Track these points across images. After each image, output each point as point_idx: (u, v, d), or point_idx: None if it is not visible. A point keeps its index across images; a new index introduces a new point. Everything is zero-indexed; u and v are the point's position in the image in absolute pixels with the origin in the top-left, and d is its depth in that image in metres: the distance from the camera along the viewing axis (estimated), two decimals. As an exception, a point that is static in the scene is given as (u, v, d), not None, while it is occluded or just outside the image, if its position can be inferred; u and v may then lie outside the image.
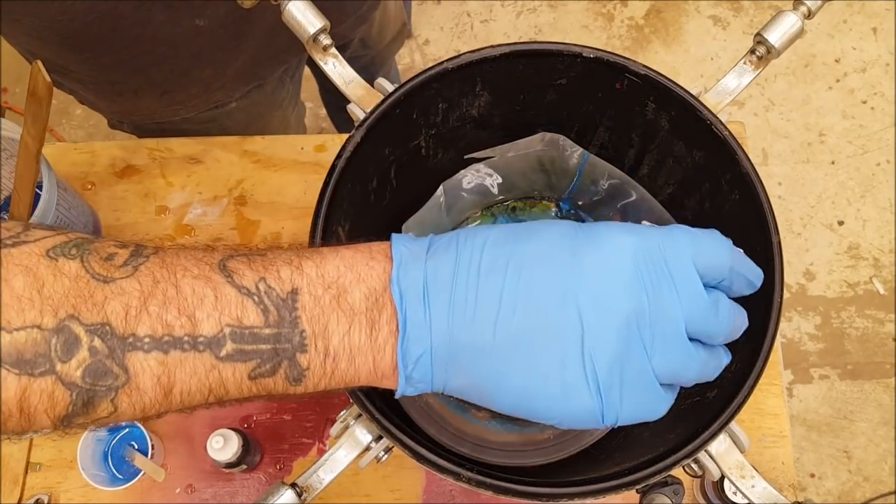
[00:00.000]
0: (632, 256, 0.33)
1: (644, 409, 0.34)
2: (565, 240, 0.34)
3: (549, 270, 0.33)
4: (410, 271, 0.33)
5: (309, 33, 0.50)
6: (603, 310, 0.32)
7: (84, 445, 0.69)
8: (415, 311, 0.32)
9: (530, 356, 0.32)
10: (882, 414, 1.56)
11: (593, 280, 0.32)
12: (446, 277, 0.33)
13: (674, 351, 0.33)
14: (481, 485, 0.42)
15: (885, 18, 1.84)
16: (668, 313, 0.33)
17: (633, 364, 0.33)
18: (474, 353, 0.32)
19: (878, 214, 1.69)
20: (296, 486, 0.42)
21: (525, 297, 0.32)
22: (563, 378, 0.32)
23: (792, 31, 0.51)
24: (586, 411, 0.33)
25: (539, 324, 0.32)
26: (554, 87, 0.55)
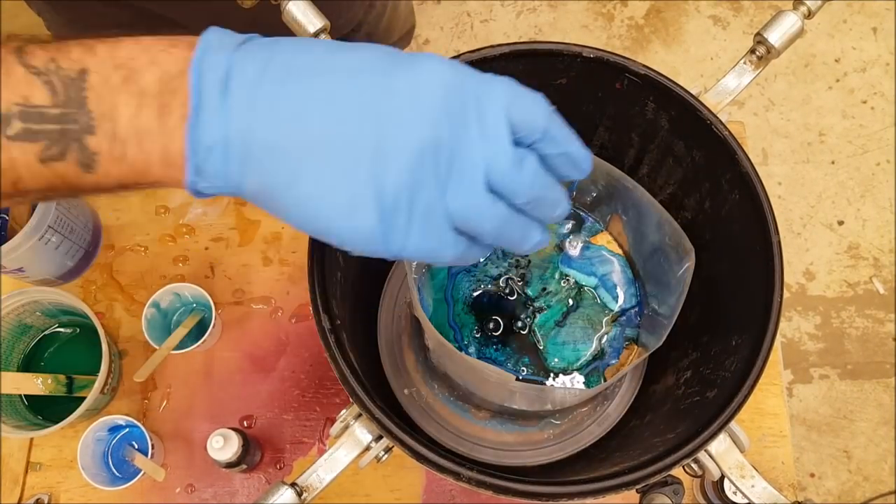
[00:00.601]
0: (444, 86, 0.32)
1: (430, 247, 0.33)
2: (383, 59, 0.33)
3: (358, 82, 0.32)
4: (214, 57, 0.32)
5: (309, 33, 0.50)
6: (402, 130, 0.31)
7: (84, 445, 0.69)
8: (210, 97, 0.31)
9: (323, 163, 0.31)
10: (882, 414, 1.56)
11: (398, 99, 0.31)
12: (253, 71, 0.31)
13: (468, 192, 0.32)
14: (481, 484, 0.42)
15: (885, 18, 1.83)
16: (469, 152, 0.32)
17: (424, 194, 0.31)
18: (270, 150, 0.31)
19: (877, 214, 1.69)
20: (296, 485, 0.42)
21: (328, 102, 0.31)
22: (351, 190, 0.31)
23: (792, 30, 0.51)
24: (369, 231, 0.32)
25: (337, 132, 0.31)
26: (554, 87, 0.55)
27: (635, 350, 0.60)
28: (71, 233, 0.73)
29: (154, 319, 0.74)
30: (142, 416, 0.75)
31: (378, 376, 0.64)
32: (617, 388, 0.63)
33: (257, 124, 0.31)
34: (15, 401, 0.73)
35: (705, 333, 0.56)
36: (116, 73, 0.31)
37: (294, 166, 0.31)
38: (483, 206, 0.32)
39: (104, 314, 0.78)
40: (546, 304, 0.61)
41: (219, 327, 0.77)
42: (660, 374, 0.61)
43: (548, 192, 0.35)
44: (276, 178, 0.32)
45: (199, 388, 0.76)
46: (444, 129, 0.31)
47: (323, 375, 0.76)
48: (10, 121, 0.30)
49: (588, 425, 0.62)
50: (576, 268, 0.62)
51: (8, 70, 0.30)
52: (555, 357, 0.59)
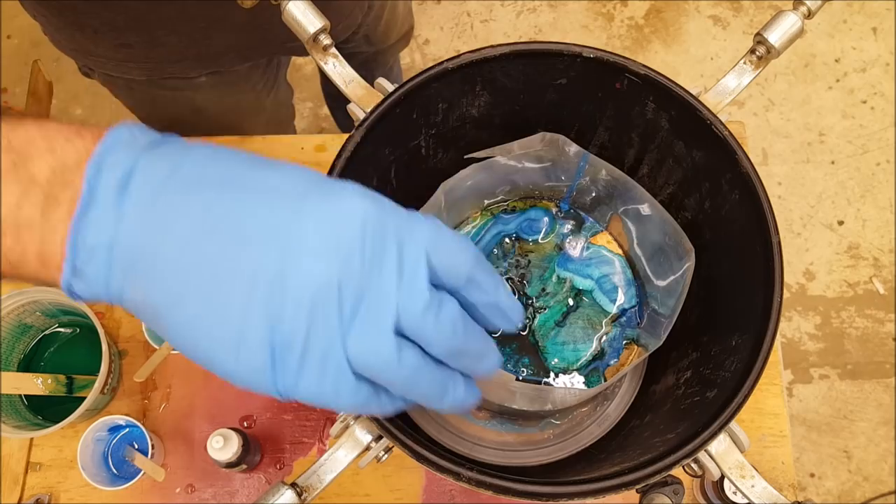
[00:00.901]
0: (362, 221, 0.29)
1: (324, 392, 0.29)
2: (302, 183, 0.30)
3: (269, 205, 0.29)
4: (119, 153, 0.29)
5: (309, 33, 0.50)
6: (307, 262, 0.28)
7: (84, 445, 0.69)
8: (105, 197, 0.28)
9: (214, 287, 0.28)
10: (882, 414, 1.56)
11: (309, 229, 0.29)
12: (159, 175, 0.29)
13: (373, 338, 0.29)
14: (481, 484, 0.42)
15: (885, 18, 1.84)
16: (379, 293, 0.29)
17: (322, 334, 0.28)
18: (159, 265, 0.28)
19: (878, 214, 1.69)
20: (296, 485, 0.42)
21: (232, 220, 0.28)
22: (240, 321, 0.28)
23: (792, 30, 0.51)
24: (256, 369, 0.29)
25: (235, 255, 0.28)
26: (554, 87, 0.55)
27: (635, 350, 0.60)
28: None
29: (154, 319, 0.74)
30: (142, 416, 0.75)
31: (378, 376, 0.64)
32: (617, 388, 0.63)
33: (150, 234, 0.28)
34: (15, 401, 0.73)
35: (705, 333, 0.56)
36: (6, 156, 0.28)
37: (182, 286, 0.28)
38: (386, 353, 0.29)
39: (104, 314, 0.78)
40: (546, 304, 0.61)
41: (219, 327, 0.77)
42: (660, 374, 0.61)
43: (470, 342, 0.31)
44: (160, 296, 0.29)
45: (199, 388, 0.76)
46: (354, 267, 0.28)
47: (323, 375, 0.76)
48: None
49: (588, 425, 0.62)
50: (572, 270, 0.62)
51: None
52: (555, 357, 0.59)
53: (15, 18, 1.78)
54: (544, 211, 0.64)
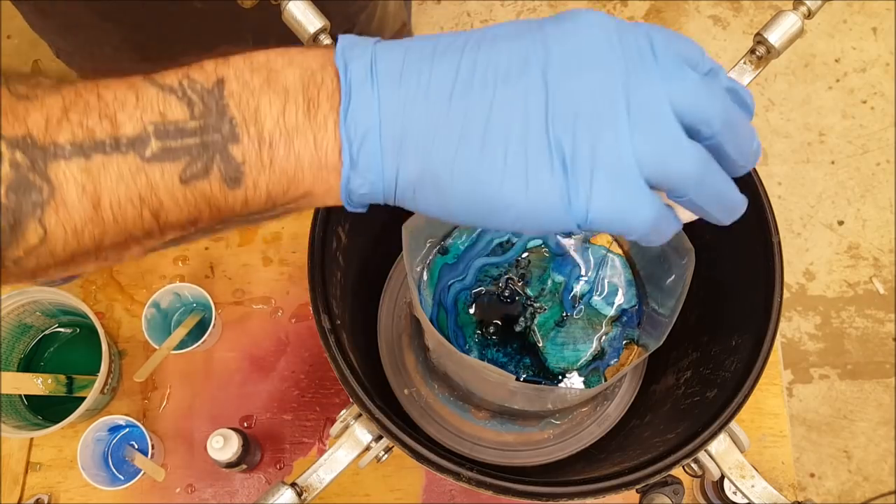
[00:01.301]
0: (605, 30, 0.29)
1: (621, 206, 0.28)
2: (528, 23, 0.30)
3: (512, 42, 0.29)
4: (356, 49, 0.30)
5: (309, 33, 0.50)
6: (571, 74, 0.28)
7: (84, 445, 0.69)
8: (361, 84, 0.29)
9: (489, 130, 0.28)
10: (882, 414, 1.56)
11: (561, 45, 0.29)
12: (397, 57, 0.29)
13: (659, 129, 0.28)
14: (481, 484, 0.42)
15: (885, 18, 1.84)
16: (651, 84, 0.28)
17: (607, 139, 0.28)
18: (428, 130, 0.29)
19: (877, 214, 1.69)
20: (296, 485, 0.42)
21: (483, 67, 0.29)
22: (523, 152, 0.28)
23: (792, 30, 0.51)
24: (549, 198, 0.28)
25: (498, 94, 0.28)
26: (554, 87, 0.54)
27: (635, 350, 0.60)
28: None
29: (154, 319, 0.74)
30: (142, 416, 0.75)
31: (378, 376, 0.64)
32: (617, 388, 0.63)
33: (411, 103, 0.29)
34: (15, 401, 0.73)
35: (705, 333, 0.56)
36: (256, 76, 0.29)
37: (456, 140, 0.28)
38: (682, 144, 0.28)
39: (104, 314, 0.78)
40: (546, 304, 0.61)
41: (219, 327, 0.77)
42: (660, 374, 0.61)
43: (740, 116, 0.31)
44: (437, 157, 0.29)
45: (199, 388, 0.76)
46: (617, 64, 0.28)
47: (323, 375, 0.76)
48: (146, 141, 0.28)
49: (588, 425, 0.62)
50: (566, 273, 0.62)
51: (140, 93, 0.29)
52: (555, 357, 0.59)
53: (15, 18, 1.77)
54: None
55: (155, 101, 0.28)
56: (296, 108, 0.29)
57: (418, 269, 0.61)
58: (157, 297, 0.73)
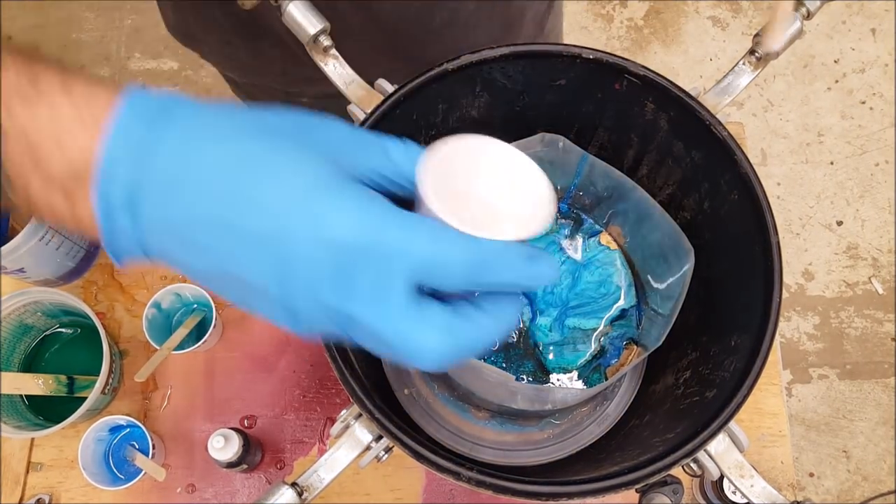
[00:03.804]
0: (344, 244, 0.29)
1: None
2: (306, 179, 0.30)
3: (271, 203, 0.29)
4: (119, 167, 0.29)
5: (309, 34, 0.50)
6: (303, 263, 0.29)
7: (85, 445, 0.69)
8: (116, 199, 0.29)
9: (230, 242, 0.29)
10: (881, 413, 1.56)
11: (301, 237, 0.29)
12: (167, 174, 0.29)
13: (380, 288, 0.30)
14: (481, 484, 0.42)
15: (883, 19, 1.84)
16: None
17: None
18: (171, 224, 0.30)
19: (876, 214, 1.69)
20: (296, 485, 0.42)
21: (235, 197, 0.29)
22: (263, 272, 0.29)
23: (791, 31, 0.51)
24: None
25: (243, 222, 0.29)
26: (553, 88, 0.55)
27: (635, 350, 0.60)
28: (71, 234, 0.73)
29: (155, 320, 0.74)
30: (142, 417, 0.75)
31: (378, 376, 0.64)
32: (616, 388, 0.63)
33: (167, 197, 0.29)
34: (16, 401, 0.73)
35: (704, 333, 0.56)
36: (26, 156, 0.30)
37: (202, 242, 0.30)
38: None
39: (105, 314, 0.78)
40: (546, 304, 0.61)
41: (219, 327, 0.77)
42: (659, 374, 0.62)
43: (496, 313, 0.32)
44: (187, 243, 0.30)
45: (199, 388, 0.76)
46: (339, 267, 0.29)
47: (323, 375, 0.76)
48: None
49: (588, 425, 0.62)
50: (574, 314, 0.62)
51: None
52: (555, 357, 0.59)
53: (17, 20, 1.78)
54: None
55: None
56: (58, 197, 0.30)
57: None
58: (158, 297, 0.74)
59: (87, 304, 0.70)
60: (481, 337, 0.31)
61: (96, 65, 1.75)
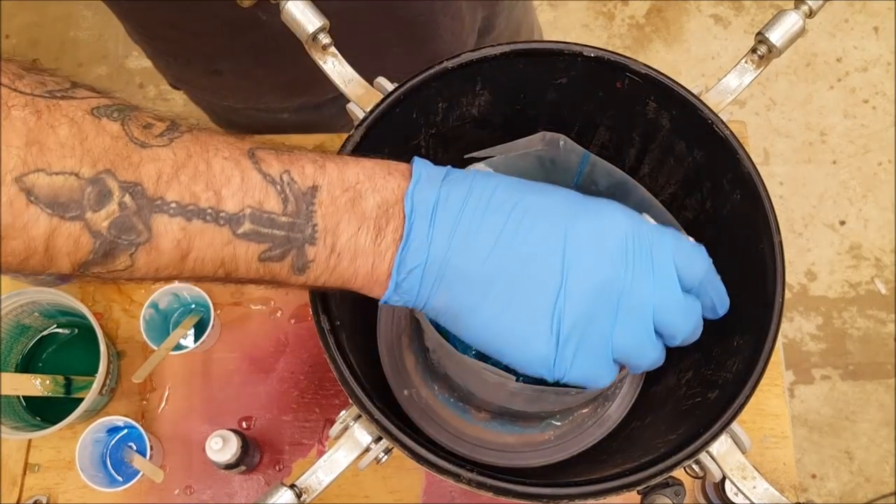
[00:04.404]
0: (623, 234, 0.36)
1: (590, 375, 0.36)
2: (570, 203, 0.37)
3: (548, 223, 0.35)
4: (424, 190, 0.36)
5: (308, 32, 0.50)
6: (584, 271, 0.35)
7: (82, 446, 0.68)
8: (420, 227, 0.35)
9: (509, 294, 0.35)
10: (884, 414, 1.56)
11: (584, 242, 0.35)
12: (456, 205, 0.35)
13: (636, 330, 0.36)
14: (481, 486, 0.42)
15: (886, 17, 1.83)
16: (642, 294, 0.35)
17: (596, 328, 0.35)
18: (462, 277, 0.35)
19: (879, 214, 1.69)
20: (295, 487, 0.42)
21: (521, 240, 0.35)
22: (531, 321, 0.35)
23: (793, 30, 0.51)
24: (540, 358, 0.35)
25: (525, 268, 0.35)
26: (554, 87, 0.54)
27: (636, 351, 0.60)
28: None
29: (152, 320, 0.74)
30: (140, 418, 0.75)
31: (378, 377, 0.64)
32: (618, 389, 0.63)
33: (454, 252, 0.35)
34: (13, 402, 0.73)
35: (706, 334, 0.56)
36: (344, 194, 0.35)
37: (481, 293, 0.35)
38: (646, 343, 0.37)
39: (102, 315, 0.78)
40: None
41: (217, 328, 0.77)
42: (661, 375, 0.61)
43: (699, 327, 0.40)
44: (462, 302, 0.36)
45: (197, 389, 0.76)
46: (621, 272, 0.35)
47: (322, 376, 0.76)
48: (242, 221, 0.33)
49: (589, 426, 0.62)
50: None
51: (245, 175, 0.33)
52: (555, 358, 0.59)
53: (14, 18, 1.78)
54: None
55: (257, 188, 0.33)
56: (367, 232, 0.35)
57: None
58: (156, 297, 0.73)
59: (84, 305, 0.69)
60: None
61: (94, 63, 1.74)
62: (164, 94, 1.73)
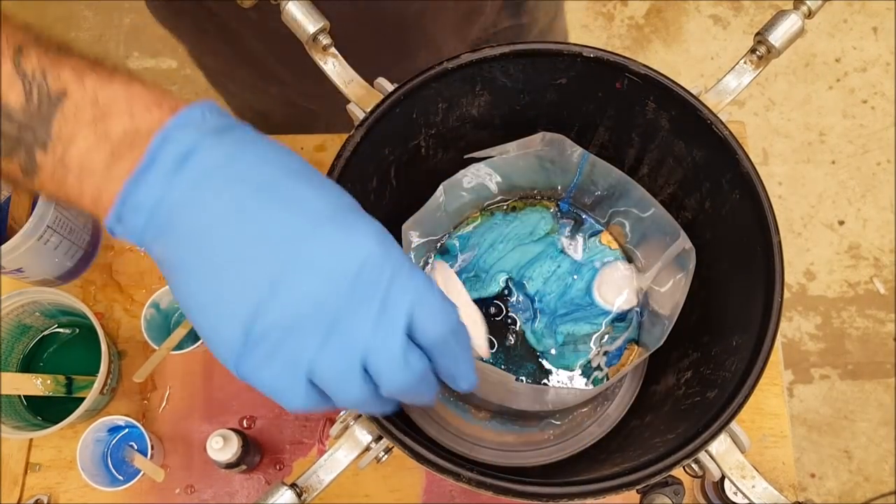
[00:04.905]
0: (361, 261, 0.32)
1: (276, 386, 0.33)
2: (327, 205, 0.34)
3: (293, 217, 0.33)
4: (185, 133, 0.33)
5: (309, 32, 0.50)
6: (304, 278, 0.32)
7: (83, 446, 0.69)
8: (162, 167, 0.32)
9: (223, 269, 0.32)
10: (883, 414, 1.56)
11: (319, 250, 0.32)
12: (211, 164, 0.33)
13: (338, 362, 0.32)
14: (481, 485, 0.42)
15: (885, 18, 1.83)
16: (356, 327, 0.32)
17: (294, 343, 0.32)
18: (187, 236, 0.33)
19: (878, 214, 1.69)
20: (296, 486, 0.42)
21: (258, 221, 0.32)
22: (231, 305, 0.32)
23: (792, 30, 0.51)
24: (228, 349, 0.33)
25: (251, 251, 0.32)
26: (554, 87, 0.54)
27: (636, 350, 0.60)
28: (70, 233, 0.73)
29: (153, 320, 0.74)
30: (141, 417, 0.75)
31: (378, 377, 0.64)
32: (617, 389, 0.63)
33: (187, 209, 0.32)
34: (14, 401, 0.73)
35: (706, 334, 0.56)
36: (93, 110, 0.33)
37: (198, 260, 0.33)
38: (351, 382, 0.33)
39: (103, 314, 0.78)
40: (550, 303, 0.61)
41: (218, 328, 0.77)
42: (660, 375, 0.61)
43: (422, 388, 0.35)
44: (179, 260, 0.33)
45: (198, 388, 0.76)
46: (341, 298, 0.32)
47: (323, 376, 0.76)
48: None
49: (588, 426, 0.62)
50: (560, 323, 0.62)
51: (2, 60, 0.32)
52: (555, 358, 0.59)
53: (15, 18, 1.77)
54: (544, 211, 0.64)
55: (4, 79, 0.32)
56: (102, 153, 0.33)
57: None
58: (157, 297, 0.73)
59: (85, 304, 0.69)
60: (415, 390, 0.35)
61: (96, 64, 1.74)
62: (164, 94, 1.73)
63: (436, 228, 0.61)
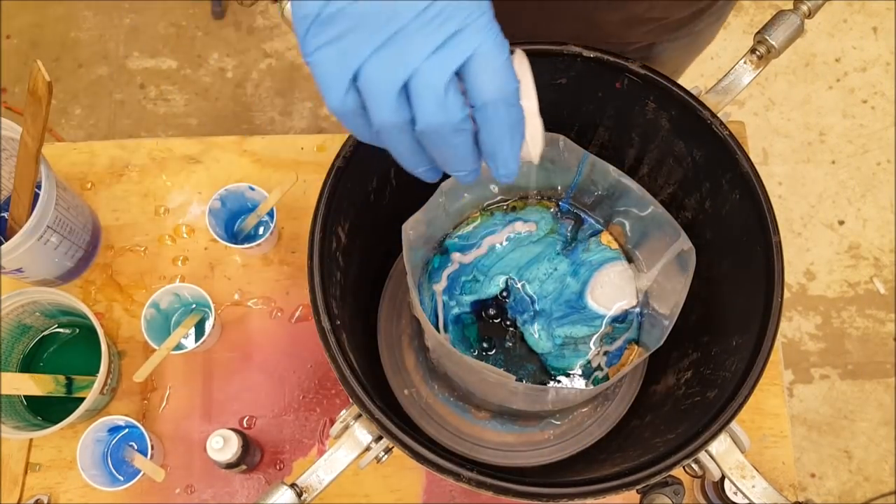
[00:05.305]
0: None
1: (324, 78, 0.33)
2: None
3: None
4: None
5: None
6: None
7: (83, 446, 0.69)
8: None
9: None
10: (882, 414, 1.56)
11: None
12: None
13: (384, 75, 0.32)
14: (481, 485, 0.42)
15: (885, 18, 1.83)
16: (413, 49, 0.32)
17: (355, 38, 0.32)
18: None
19: (878, 214, 1.69)
20: (296, 486, 0.42)
21: None
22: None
23: (792, 30, 0.51)
24: (302, 22, 0.33)
25: None
26: (554, 87, 0.54)
27: (636, 350, 0.60)
28: (70, 233, 0.73)
29: (153, 320, 0.74)
30: (141, 417, 0.75)
31: (378, 377, 0.64)
32: (617, 389, 0.63)
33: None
34: (14, 401, 0.73)
35: (706, 333, 0.56)
36: None
37: None
38: (387, 97, 0.32)
39: (103, 314, 0.78)
40: (547, 305, 0.61)
41: (218, 328, 0.77)
42: (660, 375, 0.61)
43: (458, 142, 0.34)
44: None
45: (198, 388, 0.76)
46: (415, 14, 0.31)
47: (323, 376, 0.76)
48: None
49: (588, 426, 0.62)
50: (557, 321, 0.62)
51: None
52: (556, 359, 0.59)
53: (14, 18, 1.78)
54: (544, 211, 0.64)
55: None
56: None
57: (418, 269, 0.61)
58: (157, 297, 0.73)
59: (85, 304, 0.69)
60: None
61: (94, 63, 1.74)
62: (165, 95, 1.73)
63: (436, 228, 0.61)
